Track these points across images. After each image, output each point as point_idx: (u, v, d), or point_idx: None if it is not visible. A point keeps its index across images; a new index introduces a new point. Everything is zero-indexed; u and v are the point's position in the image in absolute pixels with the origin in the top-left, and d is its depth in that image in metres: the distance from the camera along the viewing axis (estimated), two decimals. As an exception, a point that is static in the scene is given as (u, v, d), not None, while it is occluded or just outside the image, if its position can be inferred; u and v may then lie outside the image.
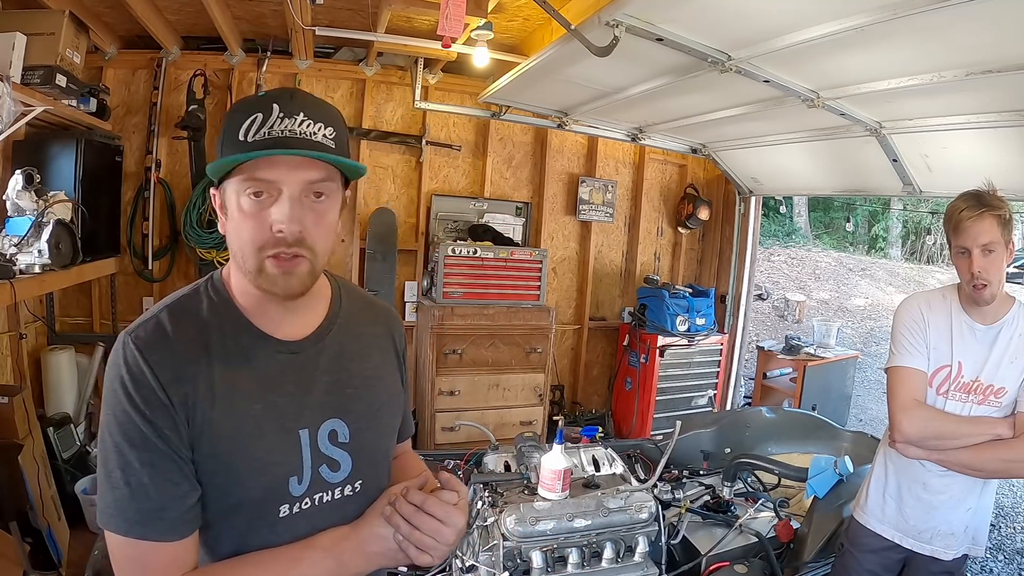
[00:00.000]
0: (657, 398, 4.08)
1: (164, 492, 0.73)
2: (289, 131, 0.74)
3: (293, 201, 0.75)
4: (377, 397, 0.92)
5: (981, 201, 1.51)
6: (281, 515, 0.80)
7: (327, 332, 0.88)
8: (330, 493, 0.84)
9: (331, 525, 0.83)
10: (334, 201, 0.80)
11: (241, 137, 0.74)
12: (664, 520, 1.99)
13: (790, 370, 5.10)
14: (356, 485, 0.86)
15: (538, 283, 3.59)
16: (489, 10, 2.60)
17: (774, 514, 2.21)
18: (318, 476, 0.82)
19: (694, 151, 4.14)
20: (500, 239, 3.78)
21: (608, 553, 1.82)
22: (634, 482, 1.97)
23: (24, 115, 2.23)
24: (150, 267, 3.36)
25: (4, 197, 2.35)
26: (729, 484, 2.33)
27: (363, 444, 0.87)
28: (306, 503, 0.82)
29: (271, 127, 0.73)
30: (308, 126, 0.75)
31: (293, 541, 0.80)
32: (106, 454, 0.74)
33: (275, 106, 0.74)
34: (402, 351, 1.02)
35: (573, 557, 1.79)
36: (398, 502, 0.81)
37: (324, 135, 0.76)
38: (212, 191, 0.83)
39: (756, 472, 2.37)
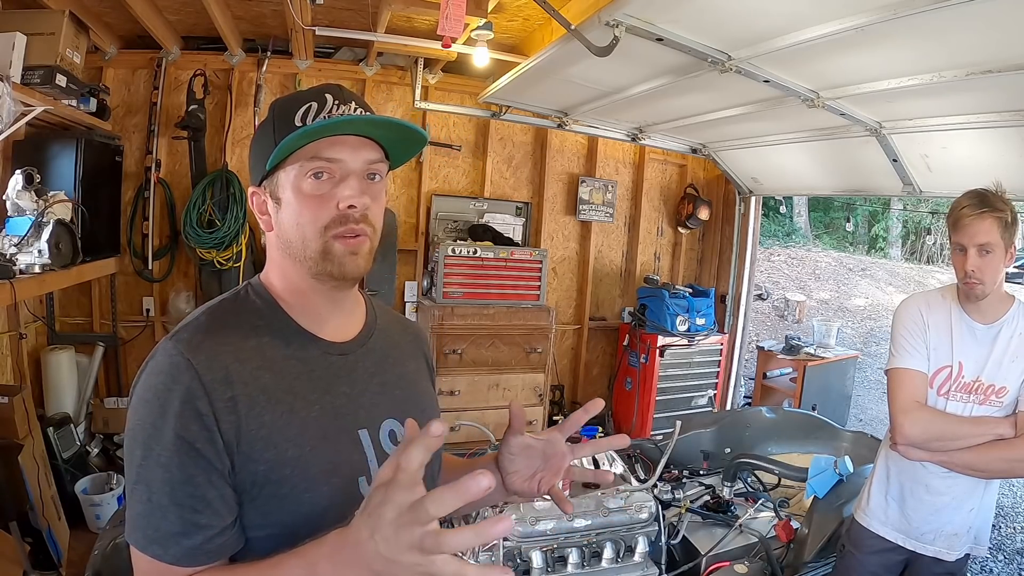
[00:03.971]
0: (657, 398, 4.08)
1: (182, 518, 0.68)
2: (348, 115, 0.76)
3: (358, 178, 0.77)
4: (422, 399, 0.93)
5: (984, 201, 1.50)
6: None
7: (369, 336, 0.88)
8: None
9: None
10: (384, 184, 0.83)
11: (299, 123, 0.74)
12: (664, 520, 1.99)
13: (790, 370, 5.10)
14: None
15: (538, 283, 3.59)
16: (489, 10, 2.60)
17: (774, 514, 2.21)
18: None
19: (694, 151, 4.14)
20: (500, 239, 3.78)
21: (608, 553, 1.83)
22: (634, 482, 1.97)
23: (24, 115, 2.23)
24: (150, 267, 3.35)
25: (4, 197, 2.35)
26: (729, 484, 2.33)
27: None
28: None
29: (329, 112, 0.75)
30: (361, 112, 0.78)
31: None
32: (131, 467, 0.69)
33: (328, 96, 0.76)
34: (431, 364, 1.03)
35: (573, 557, 1.79)
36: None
37: None
38: (252, 190, 0.81)
39: (756, 472, 2.37)
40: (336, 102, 0.76)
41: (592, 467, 2.04)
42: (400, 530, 0.53)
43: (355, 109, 0.77)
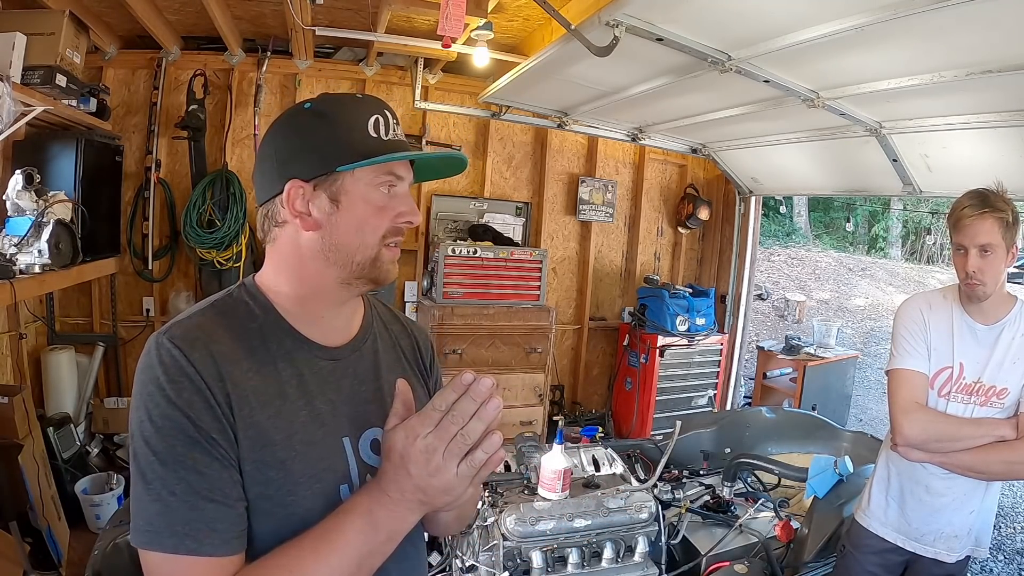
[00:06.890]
0: (657, 398, 4.08)
1: (214, 501, 0.68)
2: (404, 135, 0.84)
3: (409, 195, 0.84)
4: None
5: (985, 201, 1.50)
6: None
7: (363, 341, 0.88)
8: None
9: None
10: None
11: (374, 133, 0.78)
12: (664, 520, 1.99)
13: (790, 370, 5.11)
14: None
15: (538, 283, 3.59)
16: (489, 10, 2.60)
17: (774, 514, 2.21)
18: None
19: (694, 151, 4.14)
20: (500, 239, 3.78)
21: (608, 553, 1.83)
22: (634, 482, 1.97)
23: (24, 115, 2.23)
24: (150, 267, 3.35)
25: (4, 197, 2.35)
26: (729, 484, 2.33)
27: None
28: None
29: (395, 129, 0.81)
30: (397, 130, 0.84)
31: None
32: (143, 467, 0.67)
33: (386, 112, 0.81)
34: (429, 363, 1.01)
35: (573, 557, 1.79)
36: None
37: None
38: (296, 184, 0.76)
39: (756, 472, 2.37)
40: (393, 120, 0.82)
41: (593, 468, 2.05)
42: (430, 459, 0.67)
43: (395, 126, 0.83)
